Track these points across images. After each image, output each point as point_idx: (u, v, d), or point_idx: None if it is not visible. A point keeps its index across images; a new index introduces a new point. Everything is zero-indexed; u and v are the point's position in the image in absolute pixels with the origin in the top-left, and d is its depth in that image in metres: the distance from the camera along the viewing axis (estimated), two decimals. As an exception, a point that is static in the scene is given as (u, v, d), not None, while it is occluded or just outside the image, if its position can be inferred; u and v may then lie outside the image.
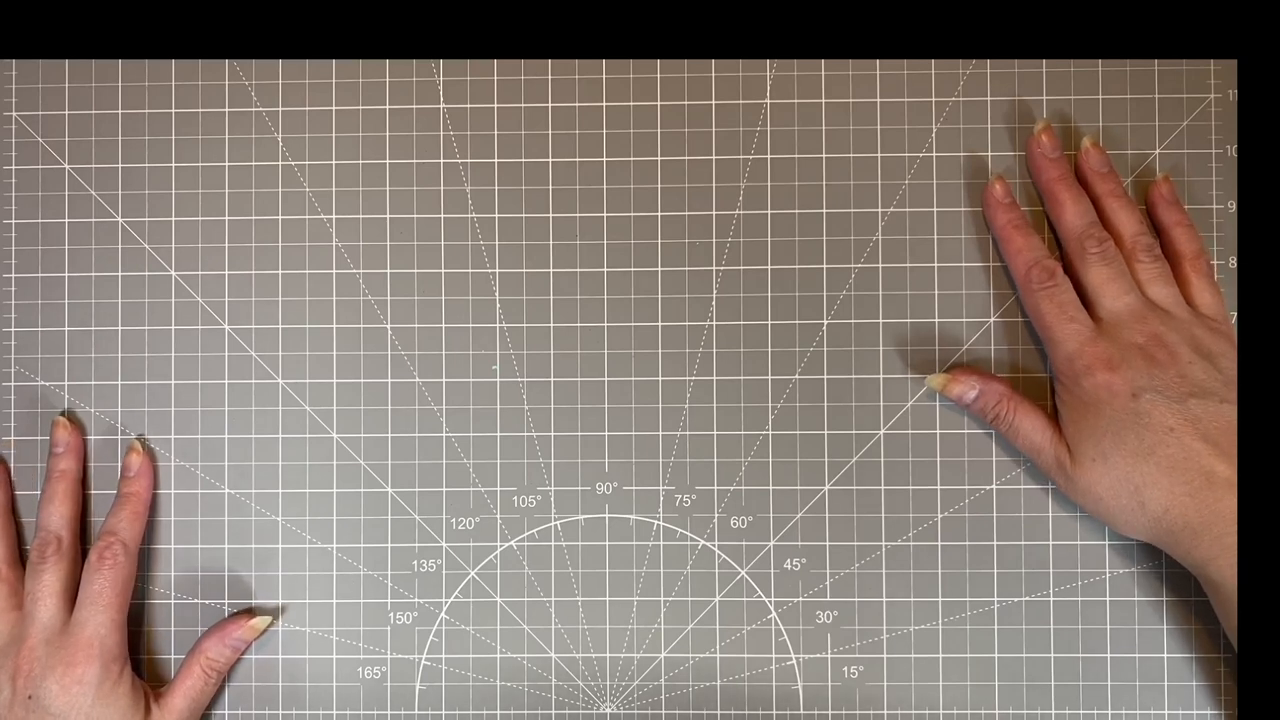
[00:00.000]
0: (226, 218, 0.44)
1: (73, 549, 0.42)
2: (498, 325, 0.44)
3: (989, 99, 0.44)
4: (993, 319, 0.43)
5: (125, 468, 0.43)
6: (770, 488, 0.43)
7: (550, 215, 0.44)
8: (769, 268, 0.44)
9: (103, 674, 0.40)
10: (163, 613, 0.44)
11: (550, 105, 0.44)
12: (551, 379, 0.44)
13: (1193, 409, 0.38)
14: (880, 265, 0.43)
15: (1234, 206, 0.43)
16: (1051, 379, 0.43)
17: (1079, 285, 0.41)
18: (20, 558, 0.43)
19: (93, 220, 0.44)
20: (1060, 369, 0.40)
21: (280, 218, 0.44)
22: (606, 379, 0.44)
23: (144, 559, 0.44)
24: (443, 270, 0.44)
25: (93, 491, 0.44)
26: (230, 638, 0.42)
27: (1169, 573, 0.43)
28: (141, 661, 0.44)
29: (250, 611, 0.43)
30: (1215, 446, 0.37)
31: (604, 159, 0.44)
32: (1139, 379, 0.38)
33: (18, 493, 0.44)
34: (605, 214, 0.44)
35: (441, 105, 0.44)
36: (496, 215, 0.44)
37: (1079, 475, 0.39)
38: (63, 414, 0.44)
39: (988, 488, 0.43)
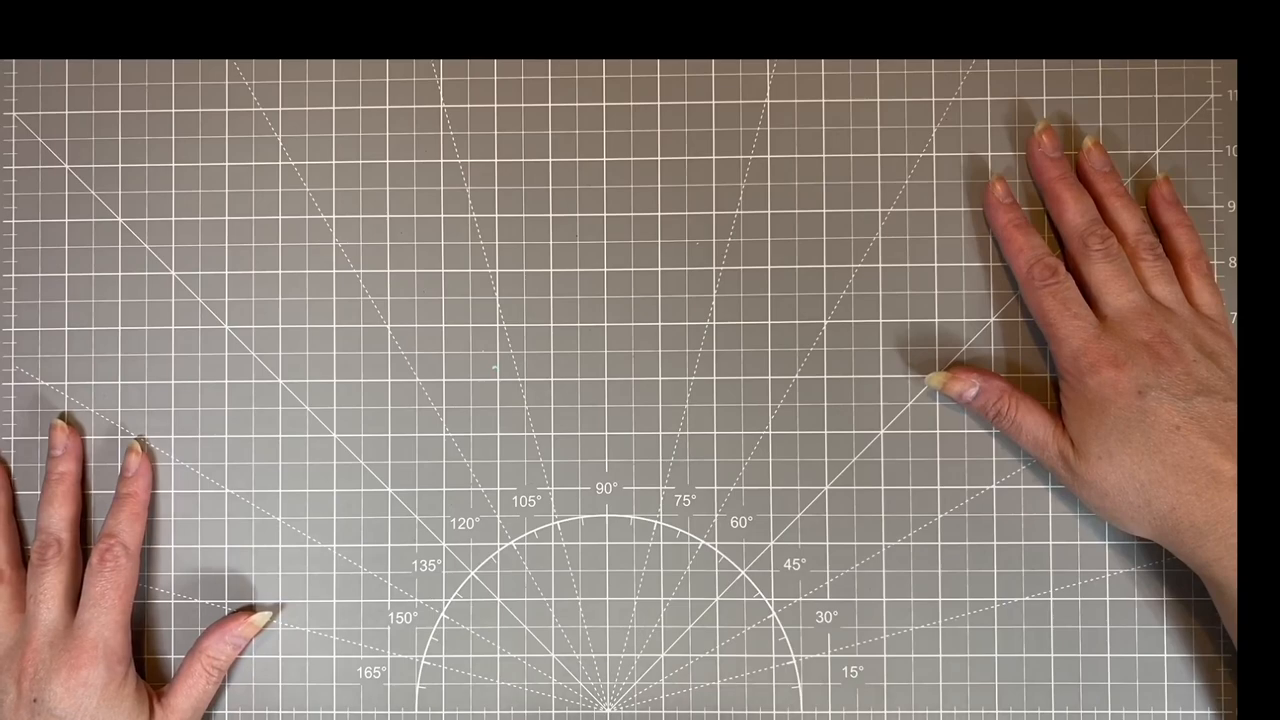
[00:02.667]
0: (226, 218, 0.44)
1: (74, 550, 0.42)
2: (498, 325, 0.44)
3: (989, 99, 0.44)
4: (993, 319, 0.43)
5: (124, 468, 0.43)
6: (770, 488, 0.43)
7: (550, 215, 0.44)
8: (769, 268, 0.44)
9: (107, 675, 0.40)
10: (163, 613, 0.44)
11: (550, 105, 0.44)
12: (551, 379, 0.44)
13: (1198, 407, 0.38)
14: (880, 265, 0.43)
15: (1234, 206, 0.43)
16: (1053, 378, 0.43)
17: (1081, 284, 0.41)
18: (22, 559, 0.43)
19: (93, 220, 0.44)
20: (1065, 366, 0.40)
21: (280, 218, 0.44)
22: (606, 379, 0.44)
23: (144, 559, 0.43)
24: (443, 270, 0.44)
25: (93, 491, 0.44)
26: (231, 635, 0.42)
27: (1169, 573, 0.43)
28: (142, 661, 0.44)
29: (251, 609, 0.43)
30: (1221, 445, 0.37)
31: (604, 159, 0.44)
32: (1145, 376, 0.38)
33: (18, 493, 0.44)
34: (605, 214, 0.44)
35: (441, 105, 0.44)
36: (496, 215, 0.44)
37: (1084, 472, 0.39)
38: (61, 416, 0.44)
39: (988, 488, 0.43)
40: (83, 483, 0.44)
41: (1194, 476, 0.37)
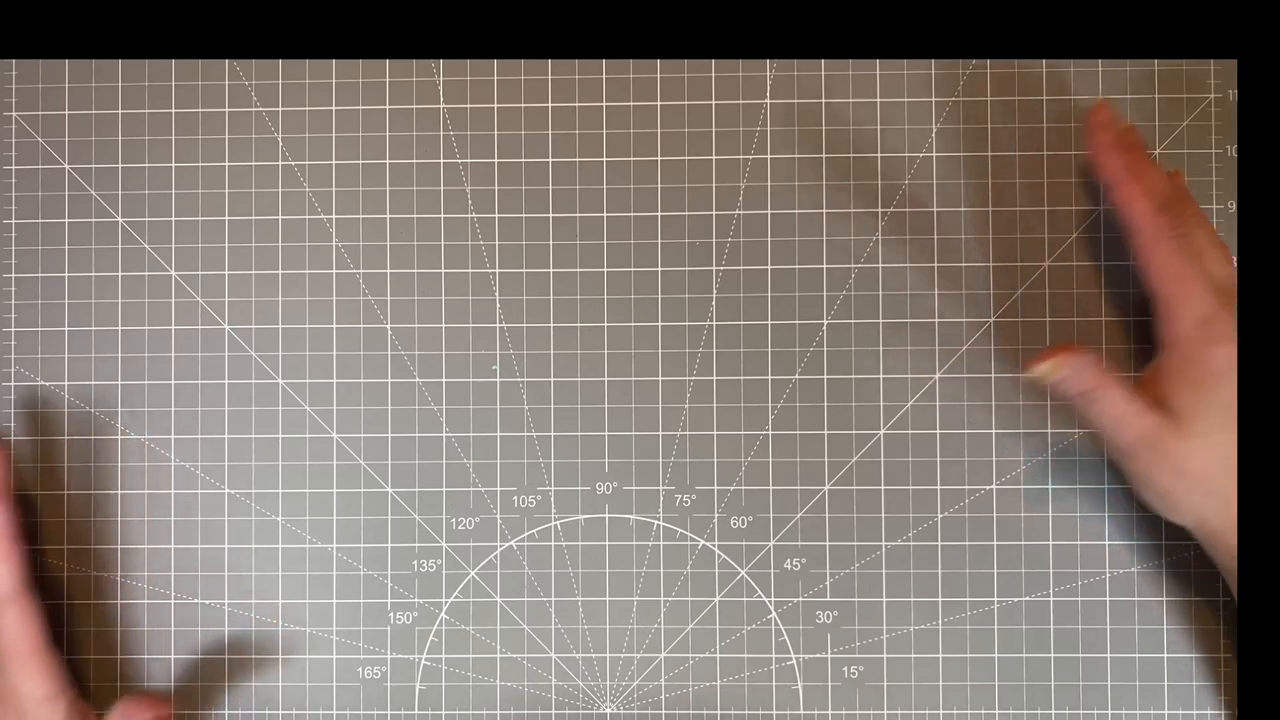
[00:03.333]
0: (226, 218, 0.44)
1: None
2: (498, 325, 0.44)
3: (989, 99, 0.44)
4: (993, 319, 0.43)
5: None
6: (770, 488, 0.43)
7: (550, 215, 0.44)
8: (769, 268, 0.44)
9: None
10: (163, 613, 0.44)
11: (550, 105, 0.44)
12: (551, 379, 0.44)
13: None
14: (880, 265, 0.43)
15: (1234, 206, 0.43)
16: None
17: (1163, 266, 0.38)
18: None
19: (93, 220, 0.44)
20: (1183, 333, 0.37)
21: (280, 218, 0.44)
22: (606, 379, 0.44)
23: (144, 559, 0.44)
24: (443, 270, 0.44)
25: (93, 492, 0.44)
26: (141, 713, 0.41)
27: (1169, 573, 0.43)
28: (141, 662, 0.44)
29: (159, 698, 0.42)
30: None
31: (604, 159, 0.44)
32: None
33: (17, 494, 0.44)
34: (605, 214, 0.44)
35: (441, 105, 0.44)
36: (496, 215, 0.44)
37: (1173, 448, 0.36)
38: None
39: (988, 488, 0.43)
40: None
41: None
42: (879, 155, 0.44)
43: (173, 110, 0.44)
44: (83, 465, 0.44)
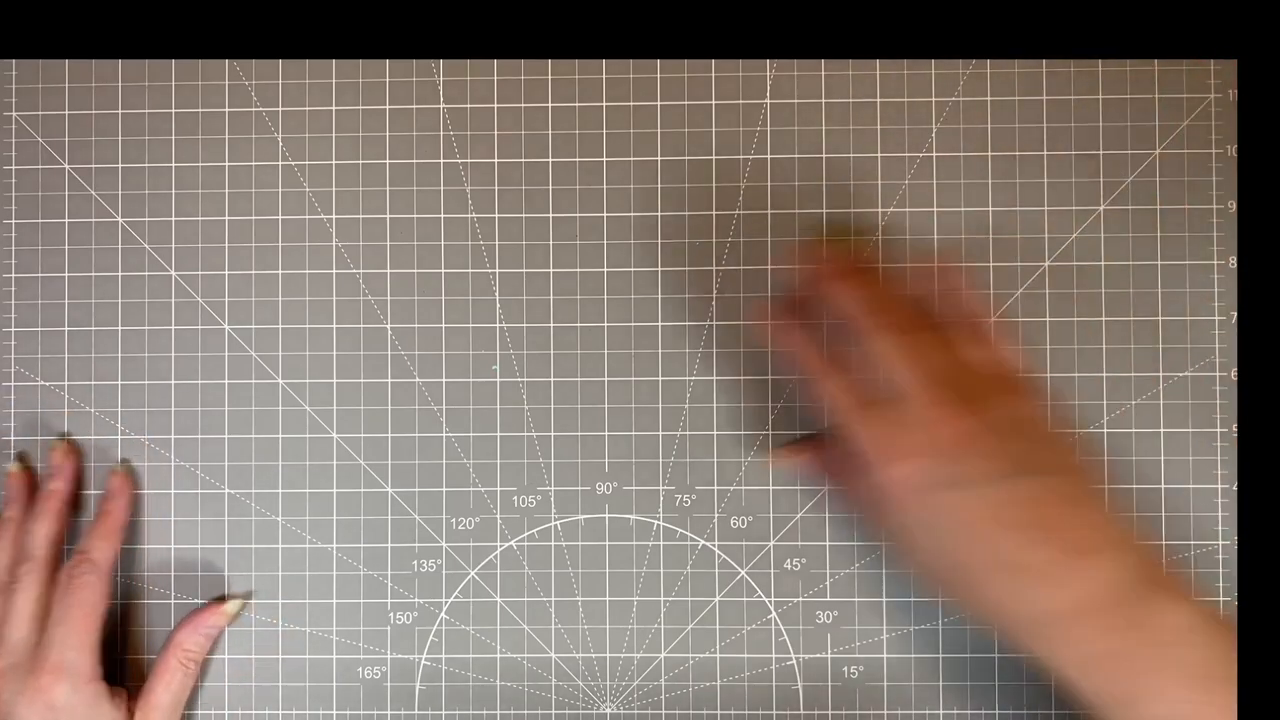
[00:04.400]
0: (226, 218, 0.44)
1: (49, 568, 0.42)
2: (498, 325, 0.44)
3: (989, 99, 0.44)
4: (993, 319, 0.43)
5: (107, 487, 0.43)
6: (770, 488, 0.43)
7: (550, 215, 0.44)
8: (769, 268, 0.44)
9: (74, 698, 0.39)
10: (163, 613, 0.44)
11: (550, 105, 0.44)
12: (551, 379, 0.44)
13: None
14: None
15: (1234, 206, 0.43)
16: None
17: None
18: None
19: (93, 220, 0.44)
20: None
21: (280, 218, 0.44)
22: (606, 379, 0.44)
23: (144, 559, 0.44)
24: (443, 270, 0.44)
25: (91, 492, 0.44)
26: (204, 626, 0.42)
27: (1167, 573, 0.43)
28: (141, 661, 0.44)
29: (222, 598, 0.43)
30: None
31: (604, 159, 0.44)
32: None
33: (18, 493, 0.44)
34: (605, 214, 0.44)
35: (441, 105, 0.44)
36: (496, 215, 0.44)
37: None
38: (62, 437, 0.44)
39: (988, 488, 0.43)
40: (73, 505, 0.43)
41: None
42: (879, 155, 0.44)
43: (173, 110, 0.44)
44: (83, 465, 0.44)
